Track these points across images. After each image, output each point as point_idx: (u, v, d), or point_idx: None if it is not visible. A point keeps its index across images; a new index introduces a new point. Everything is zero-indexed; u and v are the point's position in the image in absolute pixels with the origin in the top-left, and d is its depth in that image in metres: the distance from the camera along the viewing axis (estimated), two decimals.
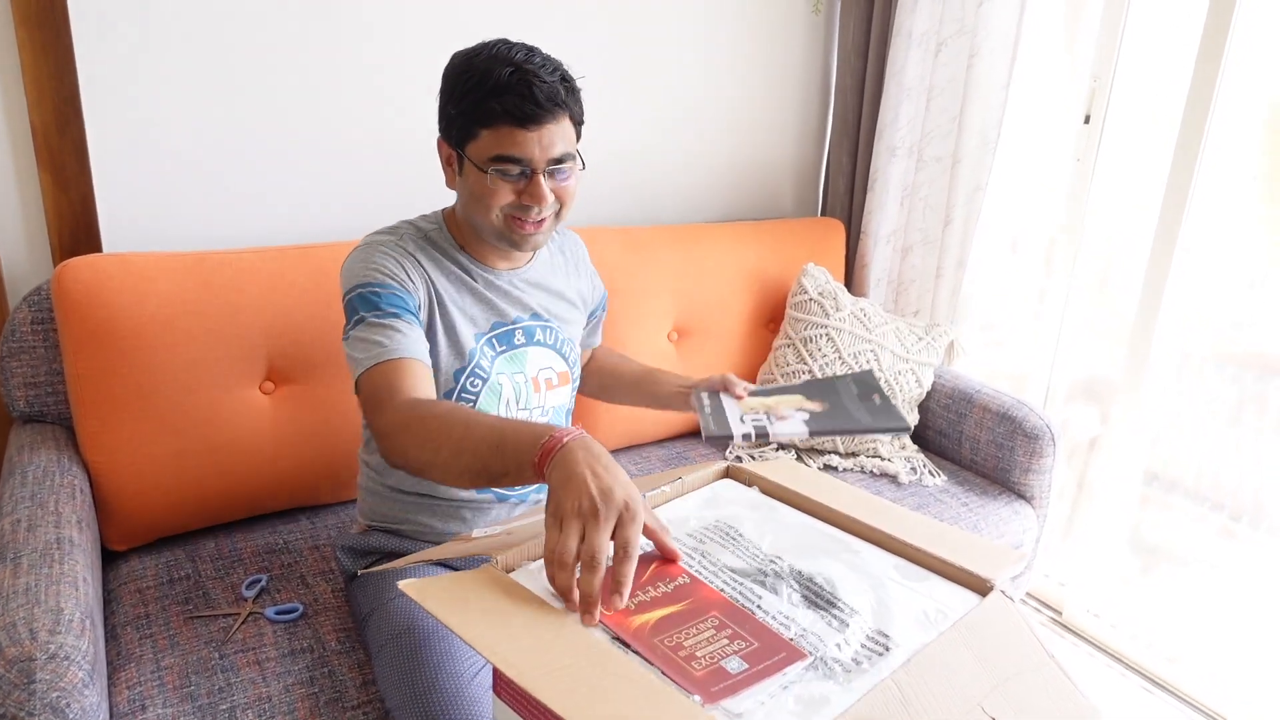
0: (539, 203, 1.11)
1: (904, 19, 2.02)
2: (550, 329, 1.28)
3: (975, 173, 2.00)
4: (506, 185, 1.10)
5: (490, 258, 1.23)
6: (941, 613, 0.81)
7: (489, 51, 1.08)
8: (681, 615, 0.78)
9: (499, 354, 1.22)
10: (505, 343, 1.23)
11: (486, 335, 1.21)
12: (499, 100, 1.05)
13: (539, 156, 1.09)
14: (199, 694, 1.14)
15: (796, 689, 0.70)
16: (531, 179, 1.10)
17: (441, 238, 1.21)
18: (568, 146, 1.11)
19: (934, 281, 2.12)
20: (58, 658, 0.93)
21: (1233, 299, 1.89)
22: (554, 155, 1.10)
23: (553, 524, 0.78)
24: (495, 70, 1.05)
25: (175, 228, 1.58)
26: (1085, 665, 1.99)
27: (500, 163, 1.09)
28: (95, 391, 1.36)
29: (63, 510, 1.21)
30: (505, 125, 1.06)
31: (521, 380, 1.24)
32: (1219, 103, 1.71)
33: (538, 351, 1.26)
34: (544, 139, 1.08)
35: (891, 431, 1.09)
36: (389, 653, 1.11)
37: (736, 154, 2.21)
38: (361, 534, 1.31)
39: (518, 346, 1.24)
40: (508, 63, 1.06)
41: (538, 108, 1.06)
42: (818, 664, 0.73)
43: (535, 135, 1.07)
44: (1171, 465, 2.13)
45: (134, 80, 1.49)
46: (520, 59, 1.06)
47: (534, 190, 1.10)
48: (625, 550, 0.77)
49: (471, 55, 1.09)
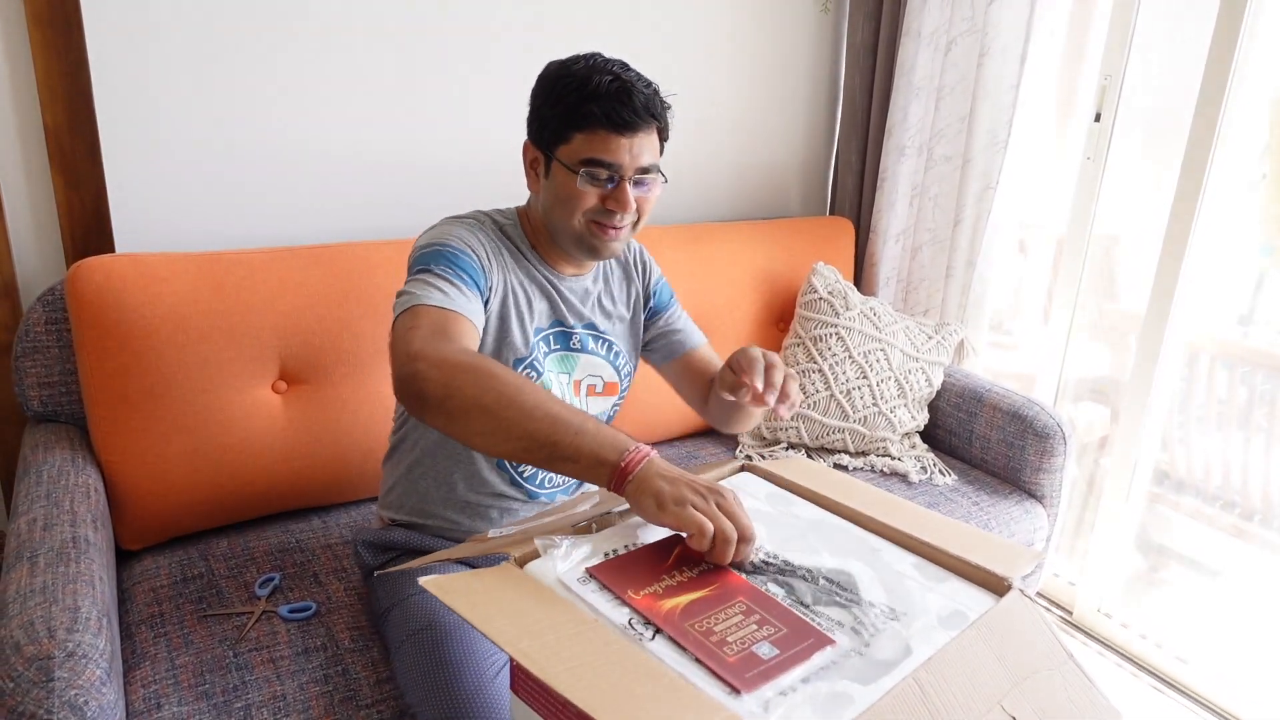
0: (623, 209, 1.13)
1: (913, 17, 2.02)
2: (605, 340, 1.30)
3: (985, 172, 1.99)
4: (593, 190, 1.13)
5: (559, 262, 1.25)
6: (961, 614, 0.81)
7: (587, 61, 1.12)
8: (709, 600, 0.78)
9: (552, 351, 1.24)
10: (560, 343, 1.25)
11: (546, 331, 1.24)
12: (598, 104, 1.09)
13: (628, 163, 1.11)
14: (214, 692, 1.14)
15: (817, 685, 0.70)
16: (619, 185, 1.13)
17: (516, 234, 1.24)
18: (654, 158, 1.15)
19: (943, 280, 2.12)
20: (76, 656, 0.94)
21: (1242, 298, 1.89)
22: (642, 164, 1.12)
23: (677, 507, 0.83)
24: (595, 77, 1.09)
25: (188, 228, 1.59)
26: (1095, 664, 1.99)
27: (591, 165, 1.11)
28: (109, 391, 1.36)
29: (78, 510, 1.22)
30: (600, 129, 1.10)
31: (565, 381, 1.26)
32: (1230, 102, 1.70)
33: (589, 359, 1.28)
34: (635, 147, 1.11)
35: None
36: (409, 649, 1.11)
37: (745, 153, 2.21)
38: (383, 529, 1.31)
39: (573, 350, 1.27)
40: (607, 72, 1.10)
41: (634, 115, 1.09)
42: (849, 654, 0.73)
43: (628, 143, 1.10)
44: (1181, 464, 2.13)
45: (146, 81, 1.49)
46: (618, 69, 1.11)
47: (620, 196, 1.12)
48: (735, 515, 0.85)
49: (569, 63, 1.13)
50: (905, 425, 1.94)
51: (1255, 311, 1.95)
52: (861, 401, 1.91)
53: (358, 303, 1.52)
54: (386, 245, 1.59)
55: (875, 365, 1.93)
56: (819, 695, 0.69)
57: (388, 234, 1.74)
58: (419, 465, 1.26)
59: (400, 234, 1.72)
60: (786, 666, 0.71)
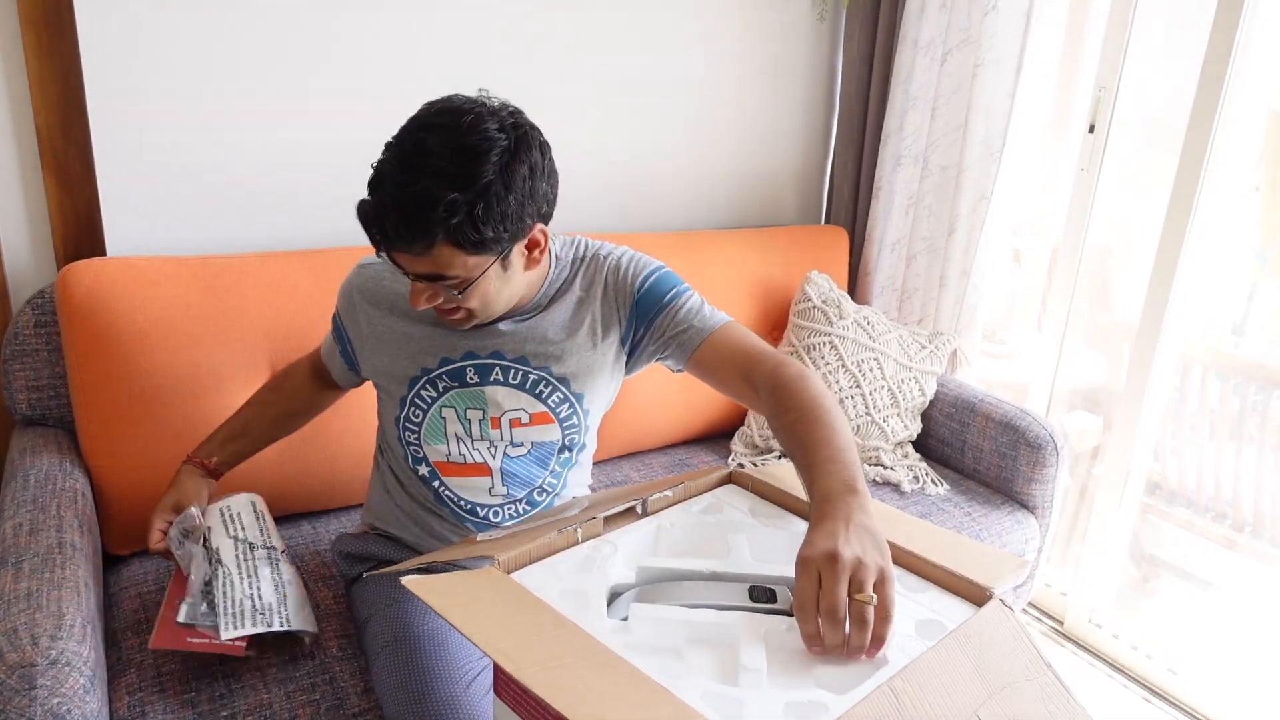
0: (419, 305, 1.06)
1: (909, 28, 2.02)
2: (517, 371, 1.19)
3: (980, 182, 1.99)
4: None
5: None
6: (938, 623, 0.81)
7: (390, 149, 0.99)
8: None
9: (449, 390, 1.18)
10: (456, 379, 1.18)
11: (435, 371, 1.18)
12: (365, 224, 1.00)
13: (406, 266, 1.03)
14: (199, 700, 1.13)
15: (792, 694, 0.70)
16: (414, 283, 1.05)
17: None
18: (443, 269, 1.01)
19: (938, 290, 2.12)
20: (59, 664, 0.93)
21: (1235, 310, 1.89)
22: (418, 272, 1.02)
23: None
24: (370, 191, 0.99)
25: (179, 231, 1.58)
26: (1086, 675, 1.99)
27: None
28: (98, 395, 1.36)
29: (64, 514, 1.21)
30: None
31: (480, 416, 1.19)
32: (1223, 114, 1.71)
33: (496, 390, 1.19)
34: (408, 260, 1.01)
35: None
36: (384, 659, 1.11)
37: (741, 161, 2.22)
38: (359, 537, 1.31)
39: (470, 385, 1.18)
40: (379, 184, 0.98)
41: (387, 241, 0.99)
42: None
43: (399, 254, 1.01)
44: (1173, 475, 2.13)
45: (139, 84, 1.49)
46: (388, 174, 0.97)
47: (414, 292, 1.05)
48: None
49: (389, 142, 1.01)
50: (898, 434, 1.94)
51: (1248, 322, 1.95)
52: (854, 410, 1.91)
53: None
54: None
55: (868, 374, 1.93)
56: (792, 704, 0.69)
57: None
58: (398, 475, 1.27)
59: None
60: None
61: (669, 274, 1.23)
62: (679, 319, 1.19)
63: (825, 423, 0.97)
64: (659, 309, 1.19)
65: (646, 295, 1.20)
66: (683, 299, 1.20)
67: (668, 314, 1.19)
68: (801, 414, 0.99)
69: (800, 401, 1.01)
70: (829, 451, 0.93)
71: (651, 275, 1.21)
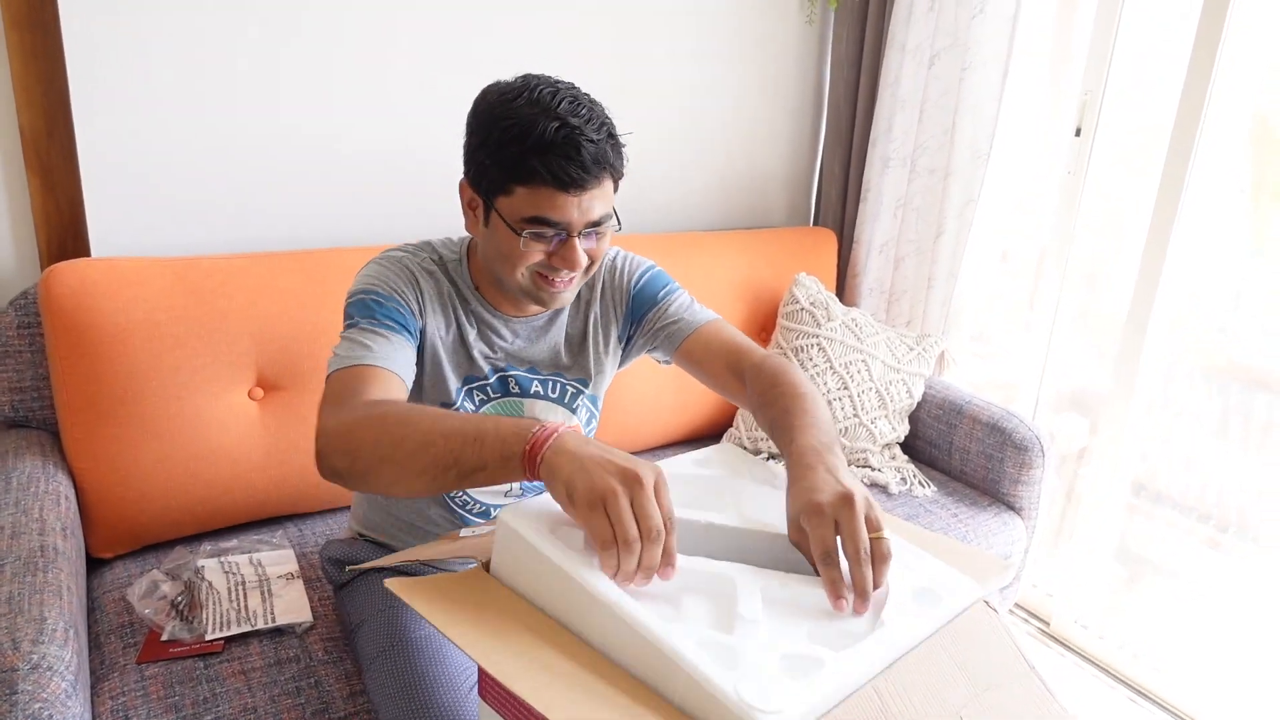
0: (572, 267, 1.04)
1: (897, 31, 2.03)
2: (556, 383, 1.21)
3: (967, 184, 2.00)
4: (538, 246, 1.03)
5: (504, 305, 1.16)
6: (933, 592, 0.81)
7: (531, 95, 0.98)
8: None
9: (491, 400, 1.17)
10: (499, 389, 1.18)
11: (482, 381, 1.17)
12: (541, 159, 0.96)
13: (577, 220, 1.00)
14: (183, 704, 1.13)
15: (788, 647, 0.70)
16: (566, 242, 1.02)
17: (459, 271, 1.15)
18: (606, 208, 1.04)
19: (925, 292, 2.13)
20: (40, 668, 0.93)
21: (1220, 312, 1.90)
22: (593, 218, 1.02)
23: (588, 509, 0.74)
24: (539, 123, 0.95)
25: (164, 233, 1.58)
26: (1072, 676, 2.00)
27: (535, 224, 1.00)
28: (81, 397, 1.35)
29: (47, 517, 1.20)
30: (545, 186, 0.98)
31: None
32: (1209, 117, 1.72)
33: (534, 404, 1.21)
34: (584, 203, 1.00)
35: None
36: (382, 666, 1.10)
37: (729, 163, 2.22)
38: (347, 543, 1.30)
39: (512, 395, 1.18)
40: (552, 115, 0.96)
41: (583, 171, 0.97)
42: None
43: (576, 200, 0.99)
44: (1159, 476, 2.14)
45: (124, 84, 1.48)
46: (566, 109, 0.97)
47: (567, 254, 1.02)
48: (671, 519, 0.76)
49: (510, 98, 0.98)
50: (885, 436, 1.95)
51: (1233, 324, 1.96)
52: (842, 412, 1.91)
53: (336, 309, 1.49)
54: (365, 251, 1.57)
55: (856, 376, 1.93)
56: (788, 656, 0.69)
57: (366, 240, 1.73)
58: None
59: (378, 240, 1.71)
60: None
61: (661, 273, 1.28)
62: (669, 313, 1.23)
63: (806, 408, 1.01)
64: (651, 305, 1.24)
65: (640, 292, 1.24)
66: (674, 295, 1.25)
67: (659, 309, 1.23)
68: (783, 394, 1.04)
69: (784, 390, 1.05)
70: (809, 420, 0.98)
71: (645, 274, 1.26)
